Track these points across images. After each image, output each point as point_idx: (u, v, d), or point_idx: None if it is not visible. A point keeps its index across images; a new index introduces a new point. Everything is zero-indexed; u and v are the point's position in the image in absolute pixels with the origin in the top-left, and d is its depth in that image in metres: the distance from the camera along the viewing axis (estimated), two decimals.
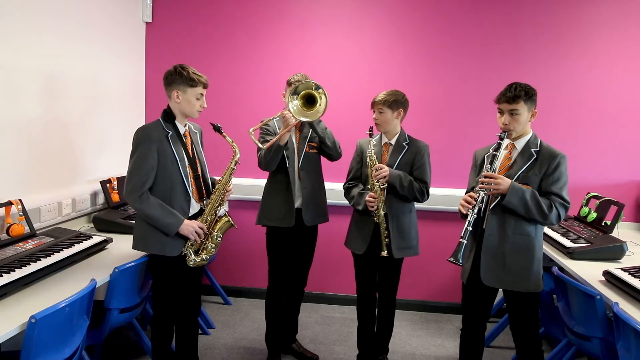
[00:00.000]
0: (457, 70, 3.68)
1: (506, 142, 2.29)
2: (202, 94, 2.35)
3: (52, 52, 2.83)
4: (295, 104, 2.56)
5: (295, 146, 2.76)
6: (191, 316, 2.59)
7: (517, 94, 2.16)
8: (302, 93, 2.55)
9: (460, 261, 2.13)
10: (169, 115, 2.36)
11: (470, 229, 2.16)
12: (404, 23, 3.70)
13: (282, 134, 2.61)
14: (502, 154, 2.29)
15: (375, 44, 3.74)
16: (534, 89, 2.22)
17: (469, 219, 2.17)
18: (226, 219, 2.43)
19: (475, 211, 2.17)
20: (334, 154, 2.84)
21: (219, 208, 2.41)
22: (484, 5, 3.63)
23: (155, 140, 2.26)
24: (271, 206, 2.75)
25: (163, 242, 2.30)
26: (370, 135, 2.62)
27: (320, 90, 2.54)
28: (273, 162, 2.67)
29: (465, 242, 2.15)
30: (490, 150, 2.28)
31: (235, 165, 2.40)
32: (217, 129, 2.39)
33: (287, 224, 2.75)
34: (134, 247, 2.38)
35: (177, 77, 2.31)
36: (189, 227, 2.29)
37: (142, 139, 2.27)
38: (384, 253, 2.58)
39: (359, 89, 3.71)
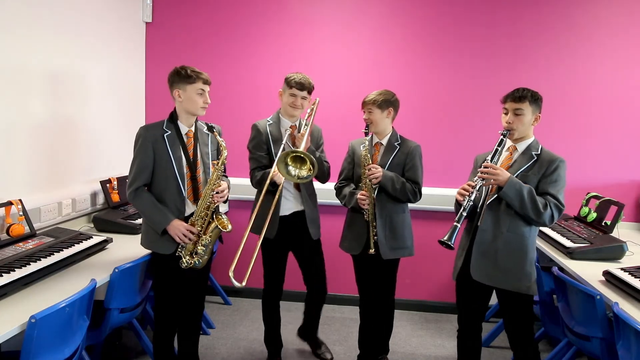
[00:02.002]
0: (457, 70, 3.68)
1: (508, 144, 2.31)
2: (202, 90, 2.35)
3: (52, 52, 2.83)
4: (291, 170, 2.49)
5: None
6: (193, 317, 2.59)
7: (524, 95, 2.22)
8: (288, 159, 2.47)
9: (452, 242, 2.14)
10: (172, 116, 2.41)
11: (465, 214, 2.18)
12: (402, 22, 3.70)
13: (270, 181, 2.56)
14: (504, 155, 2.32)
15: (374, 44, 3.73)
16: (541, 95, 2.27)
17: (464, 204, 2.18)
18: (215, 223, 2.38)
19: (472, 197, 2.19)
20: (320, 180, 2.85)
21: (208, 210, 2.37)
22: (484, 5, 3.63)
23: (151, 139, 2.32)
24: (260, 216, 2.62)
25: (157, 239, 2.35)
26: (366, 134, 2.63)
27: (299, 154, 2.47)
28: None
29: (459, 225, 2.16)
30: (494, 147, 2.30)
31: (222, 165, 2.37)
32: (209, 128, 2.40)
33: (269, 235, 2.68)
34: (140, 243, 2.46)
35: (176, 77, 2.36)
36: (176, 228, 2.31)
37: (139, 137, 2.35)
38: (372, 251, 2.59)
39: (356, 88, 3.69)
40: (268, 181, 2.55)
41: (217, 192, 2.35)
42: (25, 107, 2.65)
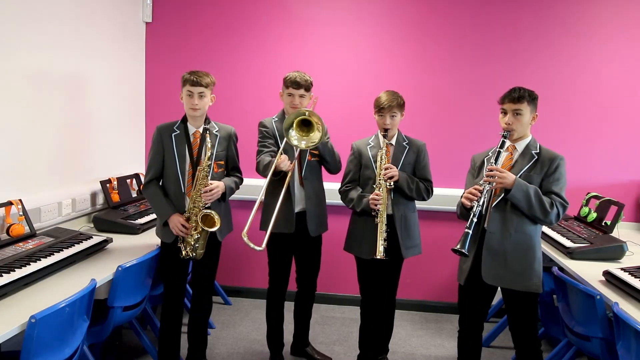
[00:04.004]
0: (458, 70, 3.68)
1: (507, 144, 2.31)
2: (190, 92, 2.45)
3: (51, 52, 2.83)
4: (293, 135, 2.52)
5: (295, 154, 2.67)
6: (203, 289, 2.73)
7: (522, 95, 2.23)
8: (294, 123, 2.51)
9: (466, 250, 2.12)
10: (184, 117, 2.57)
11: (475, 220, 2.16)
12: (403, 23, 3.70)
13: (274, 168, 2.56)
14: (503, 155, 2.32)
15: (374, 44, 3.74)
16: (537, 94, 2.28)
17: (473, 210, 2.17)
18: (201, 226, 2.44)
19: (481, 202, 2.18)
20: (332, 169, 2.82)
21: (196, 207, 2.44)
22: (482, 6, 3.63)
23: (162, 137, 2.52)
24: (271, 211, 2.62)
25: (162, 229, 2.55)
26: (385, 137, 2.61)
27: (312, 117, 2.49)
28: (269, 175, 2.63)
29: (470, 232, 2.13)
30: (491, 151, 2.31)
31: (206, 165, 2.43)
32: (205, 130, 2.51)
33: (288, 230, 2.70)
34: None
35: (181, 81, 2.51)
36: (173, 222, 2.47)
37: (154, 135, 2.56)
38: (381, 255, 2.48)
39: (355, 89, 3.71)
40: (273, 169, 2.52)
41: (205, 192, 2.43)
42: (24, 108, 2.65)
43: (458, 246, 2.13)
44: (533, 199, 2.15)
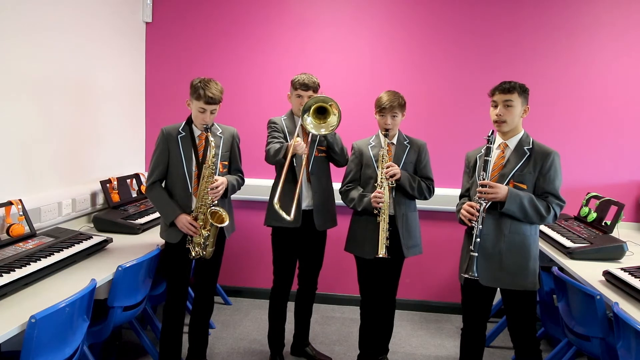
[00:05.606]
0: (458, 71, 3.68)
1: (498, 141, 2.31)
2: (203, 109, 2.44)
3: (51, 52, 2.83)
4: (309, 121, 2.58)
5: (307, 139, 2.71)
6: (205, 291, 2.73)
7: (512, 86, 2.22)
8: (312, 108, 2.56)
9: (476, 275, 2.15)
10: (189, 120, 2.57)
11: (479, 240, 2.18)
12: (401, 25, 3.70)
13: (292, 153, 2.58)
14: (495, 153, 2.30)
15: (372, 44, 3.74)
16: (528, 87, 2.27)
17: (475, 231, 2.18)
18: (210, 219, 2.45)
19: (480, 221, 2.19)
20: (340, 160, 2.83)
21: (204, 205, 2.45)
22: (482, 9, 3.63)
23: (168, 139, 2.53)
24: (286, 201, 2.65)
25: (166, 229, 2.56)
26: (386, 136, 2.62)
27: (330, 103, 2.55)
28: (279, 162, 2.66)
29: (476, 254, 2.16)
30: (479, 157, 2.31)
31: (212, 163, 2.45)
32: (205, 129, 2.50)
33: (294, 225, 2.71)
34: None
35: (191, 88, 2.49)
36: (180, 222, 2.47)
37: (159, 137, 2.56)
38: (383, 254, 2.49)
39: (355, 89, 3.71)
40: (290, 154, 2.55)
41: (211, 189, 2.44)
42: (23, 108, 2.65)
43: (467, 274, 2.17)
44: (528, 208, 2.16)
